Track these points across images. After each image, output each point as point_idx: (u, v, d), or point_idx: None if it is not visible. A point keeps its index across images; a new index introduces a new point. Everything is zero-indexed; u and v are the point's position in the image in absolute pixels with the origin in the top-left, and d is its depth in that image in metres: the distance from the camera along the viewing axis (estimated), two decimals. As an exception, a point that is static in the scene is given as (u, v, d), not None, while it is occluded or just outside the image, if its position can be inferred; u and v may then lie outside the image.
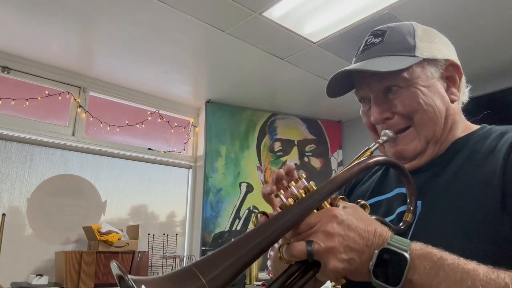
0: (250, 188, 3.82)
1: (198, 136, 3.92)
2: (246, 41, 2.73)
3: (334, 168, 4.22)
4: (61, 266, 2.64)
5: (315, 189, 0.64)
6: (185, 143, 3.88)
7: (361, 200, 0.72)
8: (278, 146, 4.03)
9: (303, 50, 2.87)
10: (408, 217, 0.74)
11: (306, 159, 4.10)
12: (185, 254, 3.62)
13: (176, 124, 3.81)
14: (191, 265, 0.51)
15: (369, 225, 0.61)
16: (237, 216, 3.71)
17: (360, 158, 0.75)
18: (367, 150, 0.77)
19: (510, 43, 2.79)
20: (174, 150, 3.77)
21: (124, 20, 2.49)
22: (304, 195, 0.63)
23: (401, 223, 0.75)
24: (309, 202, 0.61)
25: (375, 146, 0.78)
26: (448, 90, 0.82)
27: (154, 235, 3.33)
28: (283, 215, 0.60)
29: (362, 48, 0.85)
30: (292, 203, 0.62)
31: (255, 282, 3.01)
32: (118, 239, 2.87)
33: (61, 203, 3.06)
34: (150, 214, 3.54)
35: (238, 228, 3.69)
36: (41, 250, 2.87)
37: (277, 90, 3.64)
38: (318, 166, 4.13)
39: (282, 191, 0.65)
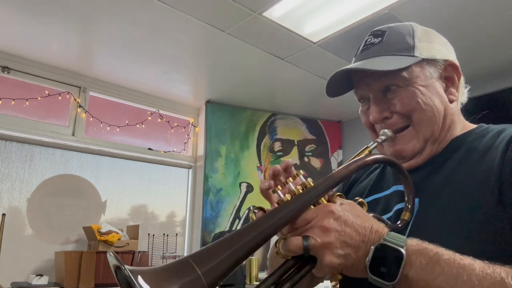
0: (250, 188, 3.82)
1: (198, 136, 3.92)
2: (246, 41, 2.73)
3: (334, 168, 4.21)
4: (61, 266, 2.64)
5: (312, 185, 0.64)
6: (185, 143, 3.88)
7: (358, 197, 0.72)
8: (278, 146, 4.03)
9: (303, 50, 2.87)
10: (405, 215, 0.74)
11: (306, 159, 4.10)
12: (185, 254, 3.62)
13: (176, 124, 3.81)
14: (188, 256, 0.52)
15: (365, 221, 0.62)
16: (237, 216, 3.71)
17: (358, 156, 0.75)
18: (366, 148, 0.77)
19: (510, 43, 2.79)
20: (174, 150, 3.77)
21: (124, 20, 2.49)
22: (301, 191, 0.63)
23: (398, 221, 0.75)
24: (306, 198, 0.62)
25: (374, 145, 0.79)
26: (446, 90, 0.82)
27: (154, 235, 3.32)
28: (280, 210, 0.60)
29: (361, 48, 0.86)
30: (289, 199, 0.62)
31: (255, 282, 3.01)
32: (118, 239, 2.87)
33: (61, 203, 3.06)
34: (150, 214, 3.54)
35: (238, 228, 3.68)
36: (41, 250, 2.87)
37: (277, 90, 3.64)
38: (318, 166, 4.13)
39: (279, 187, 0.65)
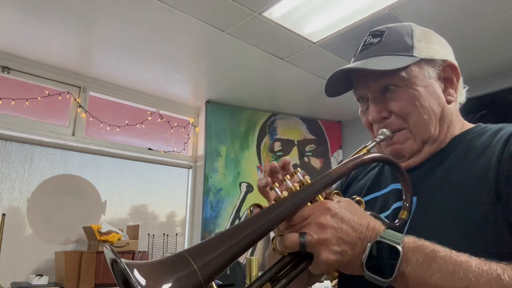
0: (250, 188, 3.82)
1: (198, 136, 3.92)
2: (246, 41, 2.74)
3: (334, 168, 4.21)
4: (61, 266, 2.64)
5: (310, 182, 0.64)
6: (185, 143, 3.88)
7: (356, 196, 0.72)
8: (278, 146, 4.03)
9: (303, 50, 2.87)
10: (403, 214, 0.74)
11: (306, 159, 4.10)
12: (185, 254, 3.61)
13: (176, 124, 3.81)
14: (184, 251, 0.52)
15: (362, 218, 0.62)
16: (237, 216, 3.71)
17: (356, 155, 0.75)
18: (364, 148, 0.77)
19: (510, 43, 2.79)
20: (174, 150, 3.77)
21: (124, 20, 2.49)
22: (298, 188, 0.63)
23: (396, 220, 0.75)
24: (303, 195, 0.62)
25: (372, 144, 0.79)
26: (445, 91, 0.82)
27: (154, 235, 3.32)
28: (277, 207, 0.60)
29: (360, 48, 0.86)
30: (286, 196, 0.62)
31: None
32: (118, 239, 2.87)
33: (61, 203, 3.06)
34: (150, 214, 3.54)
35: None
36: (41, 250, 2.87)
37: (277, 90, 3.64)
38: (318, 166, 4.13)
39: (277, 184, 0.65)
